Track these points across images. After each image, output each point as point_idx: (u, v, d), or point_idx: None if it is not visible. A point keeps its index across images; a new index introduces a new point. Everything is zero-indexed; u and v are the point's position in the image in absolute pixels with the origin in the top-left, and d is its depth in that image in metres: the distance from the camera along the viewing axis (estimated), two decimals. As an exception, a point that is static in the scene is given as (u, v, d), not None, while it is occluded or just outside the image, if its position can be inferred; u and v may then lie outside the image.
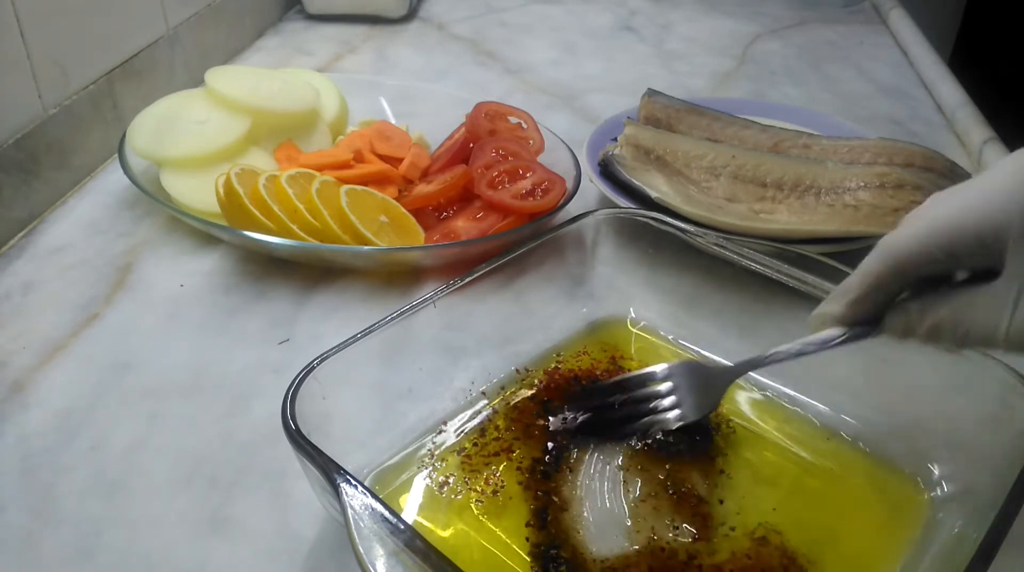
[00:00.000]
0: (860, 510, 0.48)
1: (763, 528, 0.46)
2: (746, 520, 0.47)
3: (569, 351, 0.58)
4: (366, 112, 0.87)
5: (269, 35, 1.19)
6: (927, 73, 1.09)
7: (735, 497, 0.48)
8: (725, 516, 0.47)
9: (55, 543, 0.46)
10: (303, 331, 0.62)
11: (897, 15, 1.26)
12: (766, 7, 1.34)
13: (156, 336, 0.61)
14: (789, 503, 0.48)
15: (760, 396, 0.56)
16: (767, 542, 0.45)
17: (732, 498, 0.48)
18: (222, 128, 0.75)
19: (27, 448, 0.52)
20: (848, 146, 0.78)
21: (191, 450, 0.52)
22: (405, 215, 0.69)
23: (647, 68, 1.12)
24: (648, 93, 0.84)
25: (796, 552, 0.45)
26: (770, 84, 1.07)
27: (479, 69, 1.10)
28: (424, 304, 0.51)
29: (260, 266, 0.68)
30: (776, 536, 0.46)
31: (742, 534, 0.46)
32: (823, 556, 0.45)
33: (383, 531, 0.37)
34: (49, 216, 0.75)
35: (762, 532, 0.46)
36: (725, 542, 0.45)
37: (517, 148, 0.75)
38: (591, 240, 0.61)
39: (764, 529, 0.46)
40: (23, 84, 0.71)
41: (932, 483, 0.49)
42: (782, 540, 0.46)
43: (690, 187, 0.73)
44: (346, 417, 0.48)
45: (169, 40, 0.93)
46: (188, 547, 0.46)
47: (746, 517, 0.47)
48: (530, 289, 0.59)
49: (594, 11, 1.31)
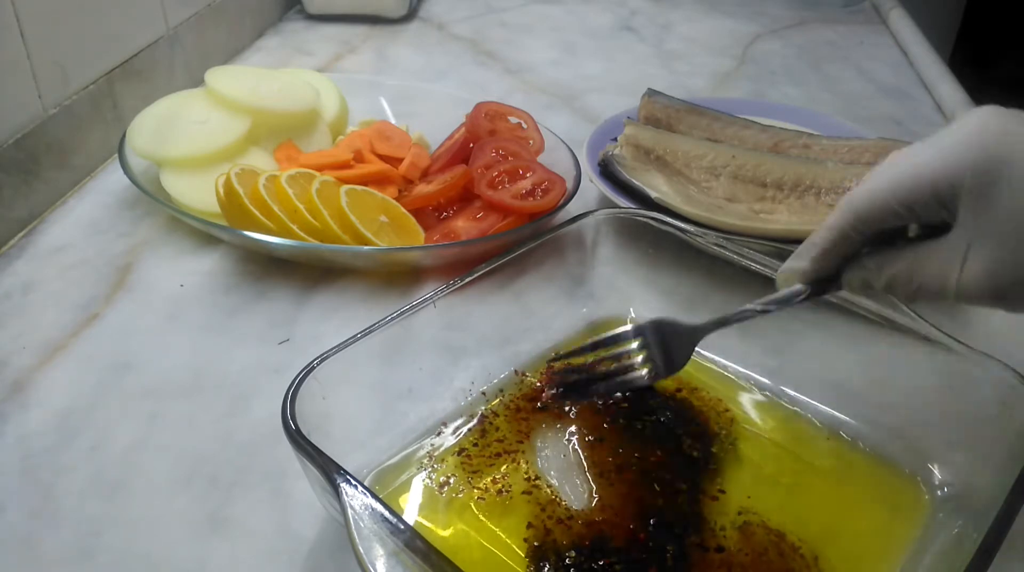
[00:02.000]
0: (860, 510, 0.48)
1: (763, 527, 0.46)
2: (747, 519, 0.47)
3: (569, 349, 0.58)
4: (366, 112, 0.87)
5: (269, 35, 1.19)
6: (927, 73, 1.09)
7: (736, 497, 0.48)
8: (725, 515, 0.47)
9: (55, 543, 0.46)
10: (303, 331, 0.62)
11: (897, 15, 1.26)
12: (766, 7, 1.34)
13: (156, 336, 0.61)
14: (789, 503, 0.48)
15: (760, 396, 0.56)
16: (771, 539, 0.45)
17: (733, 498, 0.48)
18: (222, 128, 0.75)
19: (27, 448, 0.52)
20: (848, 146, 0.78)
21: (191, 450, 0.52)
22: (405, 215, 0.69)
23: (647, 68, 1.12)
24: (648, 93, 0.84)
25: (797, 549, 0.45)
26: (770, 84, 1.07)
27: (479, 69, 1.10)
28: (424, 304, 0.51)
29: (260, 266, 0.68)
30: (777, 534, 0.46)
31: (743, 532, 0.46)
32: (823, 556, 0.45)
33: (383, 531, 0.37)
34: (49, 216, 0.75)
35: (763, 531, 0.46)
36: (725, 541, 0.45)
37: (517, 148, 0.75)
38: (591, 240, 0.61)
39: (764, 528, 0.46)
40: (23, 84, 0.71)
41: (932, 483, 0.49)
42: (782, 537, 0.46)
43: (690, 187, 0.73)
44: (346, 417, 0.48)
45: (169, 40, 0.93)
46: (188, 547, 0.46)
47: (747, 516, 0.47)
48: (530, 289, 0.59)
49: (594, 11, 1.31)
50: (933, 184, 0.39)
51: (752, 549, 0.45)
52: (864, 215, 0.42)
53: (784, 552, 0.45)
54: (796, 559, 0.45)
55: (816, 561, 0.45)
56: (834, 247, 0.44)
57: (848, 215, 0.42)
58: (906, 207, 0.40)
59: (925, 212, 0.40)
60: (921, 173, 0.39)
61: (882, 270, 0.43)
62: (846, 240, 0.43)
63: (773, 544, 0.45)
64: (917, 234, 0.42)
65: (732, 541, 0.45)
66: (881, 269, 0.43)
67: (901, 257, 0.42)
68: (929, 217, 0.40)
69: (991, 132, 0.38)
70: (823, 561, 0.45)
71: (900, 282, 0.42)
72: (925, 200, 0.39)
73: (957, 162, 0.38)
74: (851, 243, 0.43)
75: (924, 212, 0.40)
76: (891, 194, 0.40)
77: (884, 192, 0.41)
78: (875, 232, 0.42)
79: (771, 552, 0.45)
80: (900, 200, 0.40)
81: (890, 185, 0.40)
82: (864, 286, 0.44)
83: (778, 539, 0.46)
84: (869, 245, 0.43)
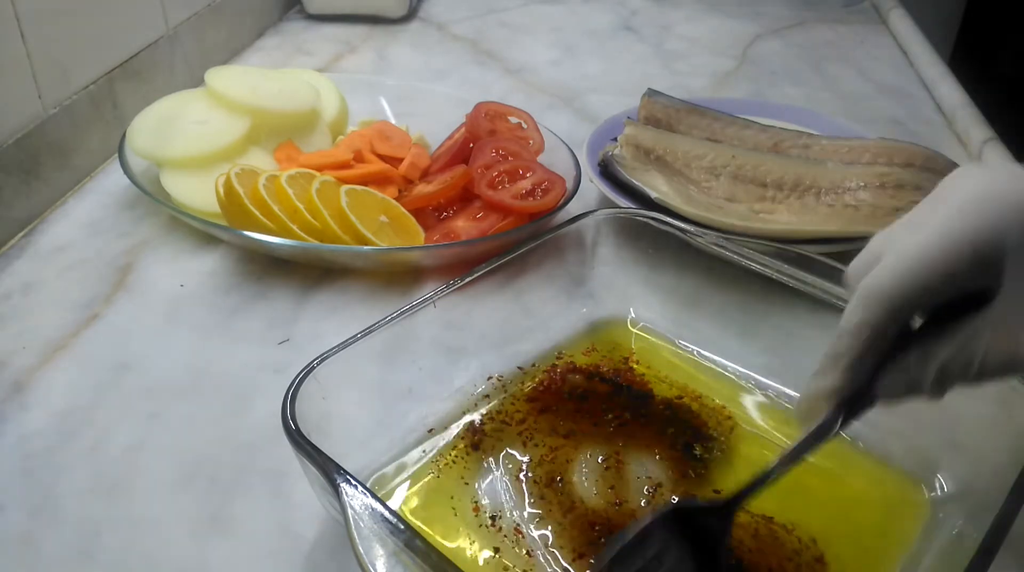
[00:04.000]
0: (860, 510, 0.48)
1: (765, 526, 0.46)
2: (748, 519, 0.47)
3: (571, 349, 0.58)
4: (366, 112, 0.87)
5: (269, 35, 1.19)
6: (927, 73, 1.09)
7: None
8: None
9: (55, 543, 0.46)
10: (303, 331, 0.62)
11: (897, 15, 1.26)
12: (766, 7, 1.34)
13: (156, 336, 0.61)
14: (789, 502, 0.48)
15: (761, 396, 0.56)
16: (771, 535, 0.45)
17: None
18: (222, 128, 0.75)
19: (27, 448, 0.52)
20: (848, 146, 0.78)
21: (191, 450, 0.52)
22: (405, 215, 0.69)
23: (647, 68, 1.12)
24: (648, 93, 0.84)
25: (799, 553, 0.45)
26: (770, 84, 1.07)
27: (479, 69, 1.10)
28: (424, 304, 0.51)
29: (260, 266, 0.68)
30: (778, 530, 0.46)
31: (744, 528, 0.46)
32: (824, 556, 0.45)
33: (383, 531, 0.37)
34: (49, 216, 0.75)
35: (766, 530, 0.46)
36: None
37: (517, 148, 0.75)
38: (591, 240, 0.61)
39: (765, 528, 0.46)
40: (23, 84, 0.71)
41: (932, 483, 0.49)
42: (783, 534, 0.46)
43: (690, 187, 0.73)
44: (346, 417, 0.48)
45: (169, 40, 0.93)
46: (188, 547, 0.46)
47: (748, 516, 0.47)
48: (530, 289, 0.59)
49: (594, 11, 1.31)
50: (973, 246, 0.35)
51: (756, 547, 0.45)
52: (896, 302, 0.36)
53: (779, 537, 0.45)
54: (794, 543, 0.45)
55: (816, 561, 0.44)
56: (867, 350, 0.38)
57: (877, 306, 0.37)
58: (948, 277, 0.36)
59: (965, 280, 0.36)
60: (955, 238, 0.35)
61: (928, 363, 0.37)
62: (880, 338, 0.38)
63: (775, 540, 0.45)
64: (929, 323, 0.38)
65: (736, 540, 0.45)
66: (927, 362, 0.37)
67: (947, 341, 0.37)
68: (967, 285, 0.36)
69: (1013, 190, 0.35)
70: (823, 561, 0.44)
71: (955, 368, 0.37)
72: (967, 265, 0.35)
73: (994, 218, 0.35)
74: (885, 342, 0.38)
75: (964, 280, 0.36)
76: (928, 267, 0.36)
77: (916, 269, 0.36)
78: (907, 319, 0.37)
79: (773, 545, 0.45)
80: (939, 272, 0.35)
81: (924, 260, 0.36)
82: (910, 388, 0.38)
83: (780, 536, 0.46)
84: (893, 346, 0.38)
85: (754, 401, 0.55)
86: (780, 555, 0.45)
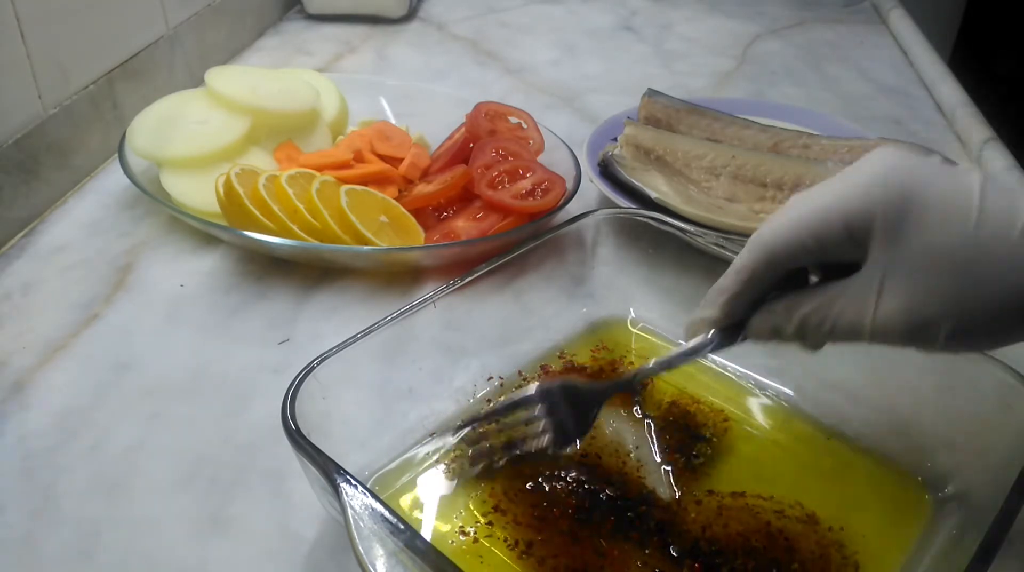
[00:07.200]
0: (860, 510, 0.48)
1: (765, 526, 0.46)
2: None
3: (571, 349, 0.58)
4: (366, 112, 0.87)
5: (269, 35, 1.19)
6: (927, 73, 1.09)
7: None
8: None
9: (55, 543, 0.46)
10: (303, 331, 0.62)
11: (897, 15, 1.26)
12: (766, 7, 1.34)
13: (156, 336, 0.61)
14: (789, 502, 0.48)
15: (761, 396, 0.56)
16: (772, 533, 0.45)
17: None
18: (222, 128, 0.75)
19: (27, 448, 0.52)
20: (848, 146, 0.78)
21: (191, 450, 0.52)
22: (405, 215, 0.69)
23: (647, 68, 1.12)
24: (648, 93, 0.84)
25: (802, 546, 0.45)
26: (770, 84, 1.07)
27: (479, 69, 1.10)
28: (424, 304, 0.51)
29: (260, 266, 0.68)
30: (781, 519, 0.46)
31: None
32: (823, 556, 0.45)
33: (383, 531, 0.37)
34: (49, 216, 0.75)
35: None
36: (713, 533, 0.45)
37: (517, 148, 0.75)
38: (591, 240, 0.61)
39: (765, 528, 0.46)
40: (23, 84, 0.71)
41: (932, 483, 0.49)
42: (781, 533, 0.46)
43: (690, 187, 0.73)
44: (346, 417, 0.48)
45: (169, 40, 0.93)
46: (188, 547, 0.46)
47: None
48: (530, 289, 0.59)
49: (594, 11, 1.31)
50: (845, 218, 0.38)
51: (759, 544, 0.45)
52: (776, 252, 0.40)
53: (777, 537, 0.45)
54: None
55: (817, 560, 0.44)
56: (744, 290, 0.42)
57: (759, 254, 0.41)
58: (818, 242, 0.39)
59: (836, 249, 0.39)
60: (833, 208, 0.39)
61: (792, 313, 0.41)
62: (757, 282, 0.42)
63: (775, 540, 0.45)
64: (819, 279, 0.41)
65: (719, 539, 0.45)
66: (791, 312, 0.41)
67: (811, 298, 0.40)
68: (839, 254, 0.39)
69: (900, 169, 0.38)
70: (823, 561, 0.45)
71: (812, 324, 0.40)
72: (837, 235, 0.38)
73: (868, 197, 0.38)
74: (761, 286, 0.42)
75: (835, 249, 0.39)
76: (804, 229, 0.39)
77: (795, 228, 0.39)
78: (783, 275, 0.41)
79: (773, 545, 0.45)
80: (813, 234, 0.39)
81: (801, 221, 0.39)
82: (773, 332, 0.42)
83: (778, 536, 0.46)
84: (776, 290, 0.42)
85: (754, 401, 0.55)
86: (780, 552, 0.45)
